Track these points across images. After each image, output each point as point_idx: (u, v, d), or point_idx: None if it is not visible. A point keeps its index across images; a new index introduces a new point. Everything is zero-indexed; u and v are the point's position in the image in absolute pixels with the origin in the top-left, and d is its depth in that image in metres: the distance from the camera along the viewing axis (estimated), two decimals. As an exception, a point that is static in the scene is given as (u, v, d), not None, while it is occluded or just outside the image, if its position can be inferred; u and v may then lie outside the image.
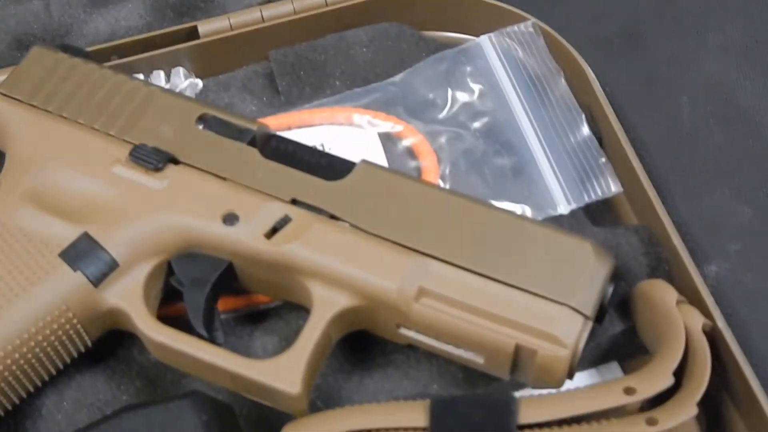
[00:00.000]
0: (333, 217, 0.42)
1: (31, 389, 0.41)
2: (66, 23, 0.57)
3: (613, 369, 0.44)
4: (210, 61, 0.51)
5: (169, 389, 0.41)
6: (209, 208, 0.42)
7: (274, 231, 0.42)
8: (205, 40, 0.55)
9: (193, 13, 0.56)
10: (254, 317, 0.42)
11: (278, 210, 0.42)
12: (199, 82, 0.50)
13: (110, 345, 0.44)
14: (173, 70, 0.51)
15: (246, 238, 0.42)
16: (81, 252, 0.41)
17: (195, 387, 0.41)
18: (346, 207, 0.43)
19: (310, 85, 0.51)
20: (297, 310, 0.42)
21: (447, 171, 0.46)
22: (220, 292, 0.43)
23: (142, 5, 0.58)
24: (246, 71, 0.52)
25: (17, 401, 0.41)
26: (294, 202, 0.42)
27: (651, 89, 0.53)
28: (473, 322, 0.40)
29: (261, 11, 0.55)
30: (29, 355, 0.41)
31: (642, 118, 0.52)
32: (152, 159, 0.43)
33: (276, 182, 0.44)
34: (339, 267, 0.41)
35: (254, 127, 0.45)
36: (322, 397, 0.40)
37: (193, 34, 0.53)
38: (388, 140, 0.47)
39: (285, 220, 0.42)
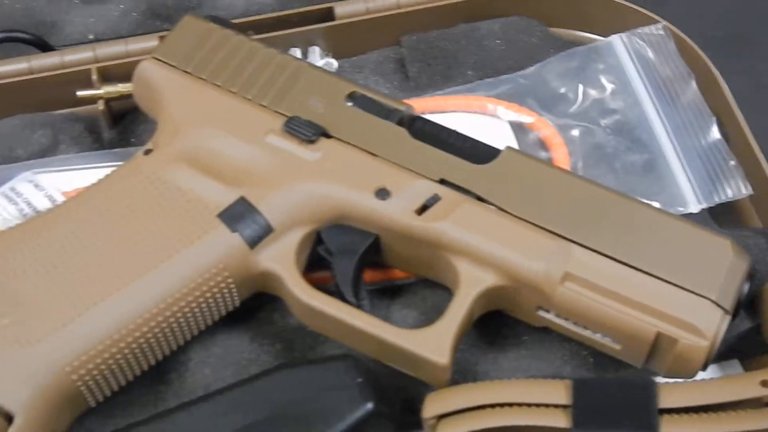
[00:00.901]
0: (480, 199, 0.43)
1: (181, 343, 0.43)
2: None
3: (735, 366, 0.44)
4: (343, 42, 0.53)
5: (307, 353, 0.43)
6: (362, 181, 0.44)
7: (424, 208, 0.43)
8: (340, 21, 0.56)
9: None
10: (390, 291, 0.44)
11: (428, 188, 0.43)
12: (335, 62, 0.52)
13: (251, 308, 0.44)
14: (309, 49, 0.52)
15: (397, 213, 0.43)
16: (238, 214, 0.43)
17: (330, 353, 0.43)
18: (493, 190, 0.44)
19: (440, 73, 0.53)
20: (431, 287, 0.44)
21: (578, 164, 0.47)
22: (365, 264, 0.44)
23: None
24: (378, 54, 0.54)
25: (168, 354, 0.43)
26: (442, 182, 0.44)
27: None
28: (616, 309, 0.41)
29: None
30: (185, 310, 0.42)
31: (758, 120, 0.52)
32: (306, 131, 0.44)
33: (425, 162, 0.45)
34: (487, 247, 0.42)
35: (402, 108, 0.46)
36: (458, 371, 0.41)
37: (327, 15, 0.53)
38: (519, 130, 0.48)
39: (435, 199, 0.43)
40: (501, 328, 0.47)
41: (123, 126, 0.55)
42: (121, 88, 0.53)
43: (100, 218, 0.44)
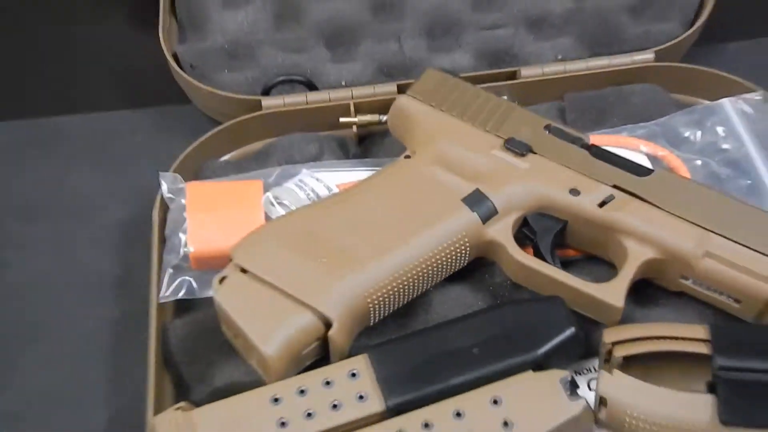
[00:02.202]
0: (642, 200, 0.49)
1: (430, 287, 0.49)
2: (415, 58, 0.64)
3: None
4: (523, 94, 0.59)
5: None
6: (560, 183, 0.50)
7: (603, 203, 0.49)
8: (522, 80, 0.61)
9: (507, 61, 0.63)
10: (564, 264, 0.49)
11: (607, 190, 0.49)
12: (518, 108, 0.59)
13: (469, 270, 0.51)
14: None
15: (585, 205, 0.49)
16: (475, 200, 0.49)
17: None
18: (652, 194, 0.49)
19: (591, 120, 0.58)
20: (595, 264, 0.50)
21: (701, 187, 0.52)
22: (556, 241, 0.50)
23: (471, 54, 0.65)
24: (547, 105, 0.60)
25: (421, 292, 0.48)
26: (615, 187, 0.49)
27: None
28: (740, 277, 0.46)
29: (564, 65, 0.61)
30: (439, 262, 0.48)
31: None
32: (520, 148, 0.51)
33: (603, 173, 0.50)
34: (650, 230, 0.48)
35: (583, 137, 0.52)
36: (620, 320, 0.47)
37: (513, 75, 0.61)
38: (654, 161, 0.54)
39: (611, 197, 0.49)
40: (645, 293, 0.50)
41: (363, 146, 0.61)
42: (369, 118, 0.60)
43: (381, 197, 0.50)
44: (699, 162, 0.56)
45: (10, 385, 0.52)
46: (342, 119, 0.59)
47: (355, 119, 0.59)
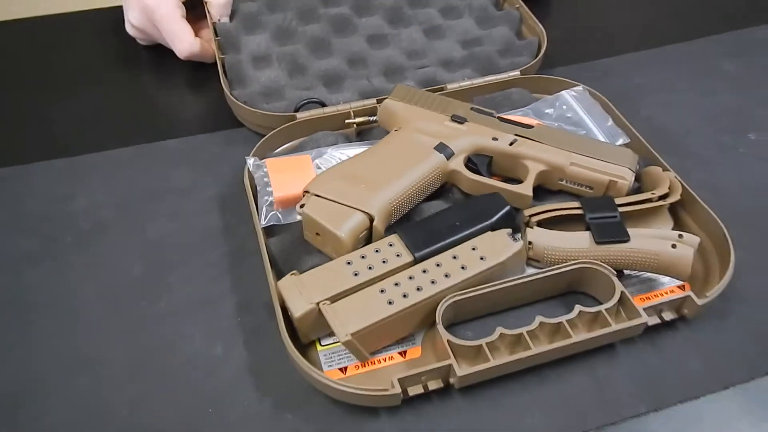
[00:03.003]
0: (531, 139, 0.54)
1: (420, 200, 0.53)
2: (378, 88, 0.65)
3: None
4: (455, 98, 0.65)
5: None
6: (485, 135, 0.55)
7: (511, 144, 0.54)
8: (449, 91, 0.62)
9: (435, 84, 0.65)
10: None
11: (511, 137, 0.55)
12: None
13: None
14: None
15: (501, 145, 0.54)
16: (441, 148, 0.54)
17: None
18: (536, 136, 0.54)
19: (492, 109, 0.59)
20: None
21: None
22: (488, 168, 0.55)
23: (413, 82, 0.66)
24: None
25: (414, 205, 0.53)
26: (516, 135, 0.55)
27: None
28: (591, 172, 0.52)
29: (471, 81, 0.64)
30: (423, 186, 0.52)
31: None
32: (460, 119, 0.56)
33: (508, 129, 0.55)
34: (539, 154, 0.53)
35: (493, 112, 0.57)
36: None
37: (443, 89, 0.62)
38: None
39: (515, 140, 0.55)
40: (539, 193, 0.54)
41: (360, 137, 0.62)
42: (363, 119, 0.62)
43: (388, 151, 0.54)
44: (555, 125, 0.60)
45: (167, 294, 0.51)
46: (347, 121, 0.61)
47: (355, 120, 0.62)
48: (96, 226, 0.57)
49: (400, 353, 0.48)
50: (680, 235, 0.48)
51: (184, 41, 0.68)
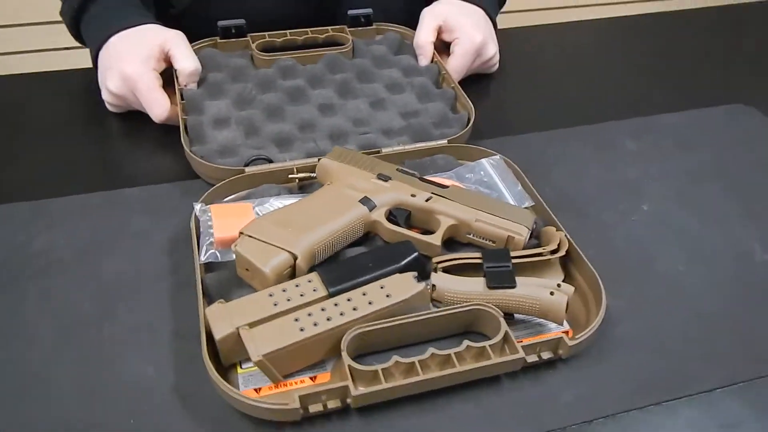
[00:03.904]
0: (445, 198, 0.59)
1: (343, 247, 0.58)
2: (324, 149, 0.70)
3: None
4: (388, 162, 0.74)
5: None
6: (406, 192, 0.60)
7: (427, 200, 0.60)
8: (383, 155, 0.67)
9: (374, 147, 0.72)
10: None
11: (427, 195, 0.60)
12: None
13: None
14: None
15: (419, 201, 0.60)
16: (364, 201, 0.59)
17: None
18: (450, 195, 0.60)
19: (419, 172, 0.66)
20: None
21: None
22: (407, 221, 0.59)
23: (354, 146, 0.72)
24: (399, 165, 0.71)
25: (337, 251, 0.57)
26: (432, 193, 0.60)
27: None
28: (494, 228, 0.57)
29: (403, 147, 0.70)
30: (346, 234, 0.57)
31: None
32: (385, 178, 0.61)
33: (426, 187, 0.61)
34: (450, 210, 0.59)
35: (416, 174, 0.62)
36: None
37: (378, 152, 0.70)
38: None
39: (431, 197, 0.60)
40: (449, 244, 0.60)
41: (302, 190, 0.67)
42: (304, 175, 0.66)
43: (317, 201, 0.59)
44: (473, 187, 0.66)
45: (111, 323, 0.55)
46: (290, 176, 0.67)
47: (297, 175, 0.67)
48: (54, 262, 0.61)
49: (311, 378, 0.53)
50: (558, 285, 0.54)
51: (161, 107, 0.73)
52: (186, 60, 0.77)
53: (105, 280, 0.59)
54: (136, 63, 0.74)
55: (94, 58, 0.77)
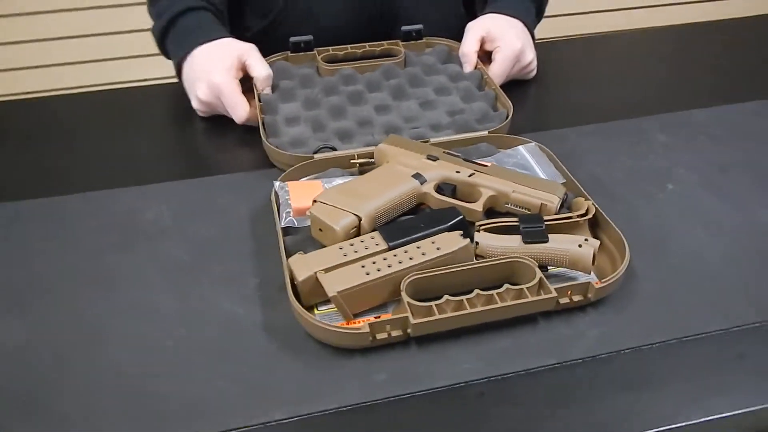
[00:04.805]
0: (486, 174, 0.65)
1: (398, 215, 0.64)
2: (380, 141, 0.74)
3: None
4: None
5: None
6: (451, 170, 0.66)
7: (470, 176, 0.66)
8: (431, 143, 0.75)
9: (424, 139, 0.88)
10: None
11: (470, 171, 0.66)
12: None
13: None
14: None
15: (463, 176, 0.66)
16: (416, 176, 0.66)
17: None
18: (490, 171, 0.65)
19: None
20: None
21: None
22: (453, 194, 0.66)
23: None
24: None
25: (389, 220, 0.63)
26: (474, 170, 0.66)
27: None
28: (529, 198, 0.63)
29: (450, 138, 0.79)
30: (399, 205, 0.64)
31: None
32: (433, 158, 0.67)
33: (469, 165, 0.66)
34: (491, 183, 0.64)
35: (460, 155, 0.68)
36: None
37: (427, 141, 0.79)
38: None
39: (473, 174, 0.66)
40: (489, 213, 0.68)
41: (360, 171, 0.73)
42: (364, 160, 0.73)
43: (378, 175, 0.66)
44: (510, 168, 0.71)
45: (208, 274, 0.63)
46: (351, 161, 0.73)
47: (358, 161, 0.73)
48: (161, 229, 0.72)
49: (375, 317, 0.61)
50: (585, 239, 0.62)
51: (243, 110, 0.82)
52: (261, 67, 0.87)
53: (200, 242, 0.68)
54: (222, 73, 0.85)
55: (178, 67, 0.87)
